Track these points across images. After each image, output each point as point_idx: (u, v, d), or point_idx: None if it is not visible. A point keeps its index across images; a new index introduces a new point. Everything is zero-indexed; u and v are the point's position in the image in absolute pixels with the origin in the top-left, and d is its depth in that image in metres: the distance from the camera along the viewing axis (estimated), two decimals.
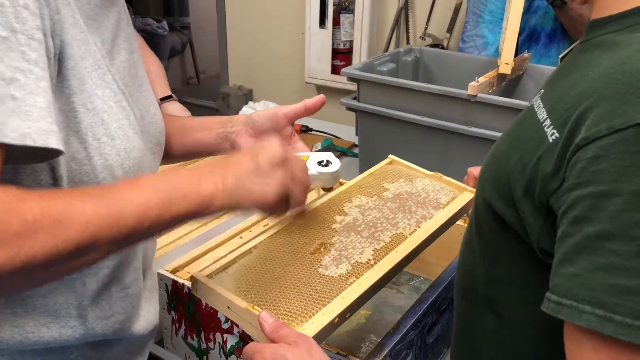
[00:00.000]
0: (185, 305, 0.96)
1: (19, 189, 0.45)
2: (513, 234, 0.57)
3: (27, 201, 0.44)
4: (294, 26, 2.56)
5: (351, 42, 2.40)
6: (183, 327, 0.99)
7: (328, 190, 0.74)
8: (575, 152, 0.46)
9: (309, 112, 0.76)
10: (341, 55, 2.43)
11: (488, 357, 0.66)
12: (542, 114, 0.54)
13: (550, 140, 0.50)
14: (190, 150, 0.80)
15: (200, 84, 4.84)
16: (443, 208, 0.84)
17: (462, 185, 0.89)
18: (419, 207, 0.83)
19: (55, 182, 0.55)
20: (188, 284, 0.94)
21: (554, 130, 0.50)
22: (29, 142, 0.46)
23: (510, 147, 0.57)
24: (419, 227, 0.79)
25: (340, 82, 2.42)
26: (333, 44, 2.42)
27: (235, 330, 0.91)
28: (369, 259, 0.72)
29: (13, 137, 0.45)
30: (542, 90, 0.59)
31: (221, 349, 0.94)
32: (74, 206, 0.46)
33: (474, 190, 0.87)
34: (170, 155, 0.80)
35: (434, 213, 0.82)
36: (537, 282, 0.56)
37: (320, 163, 0.70)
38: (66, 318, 0.60)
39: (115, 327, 0.65)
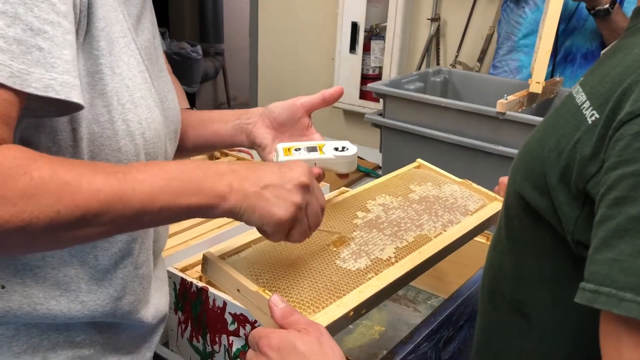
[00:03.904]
0: (192, 305, 0.92)
1: (33, 150, 0.44)
2: (545, 226, 0.52)
3: (37, 161, 0.43)
4: (324, 51, 2.58)
5: (380, 68, 2.41)
6: (189, 328, 0.95)
7: (344, 176, 0.70)
8: (618, 129, 0.42)
9: (327, 102, 0.74)
10: (370, 81, 2.43)
11: None
12: (581, 97, 0.50)
13: (590, 122, 0.46)
14: (206, 141, 0.78)
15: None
16: (471, 215, 0.79)
17: (492, 194, 0.84)
18: (445, 211, 0.78)
19: (75, 143, 0.53)
20: (197, 282, 0.91)
21: (594, 111, 0.46)
22: (52, 94, 0.45)
23: (545, 134, 0.54)
24: (445, 230, 0.75)
25: (368, 107, 2.41)
26: (362, 69, 2.43)
27: (242, 332, 0.86)
28: (389, 257, 0.67)
29: (36, 88, 0.44)
30: (582, 78, 0.56)
31: (226, 352, 0.90)
32: (85, 174, 0.45)
33: None
34: (186, 147, 0.78)
35: (461, 219, 0.78)
36: (568, 281, 0.52)
37: (336, 149, 0.68)
38: (76, 292, 0.58)
39: (125, 308, 0.62)
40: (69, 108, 0.48)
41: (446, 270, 1.07)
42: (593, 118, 0.46)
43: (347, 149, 0.68)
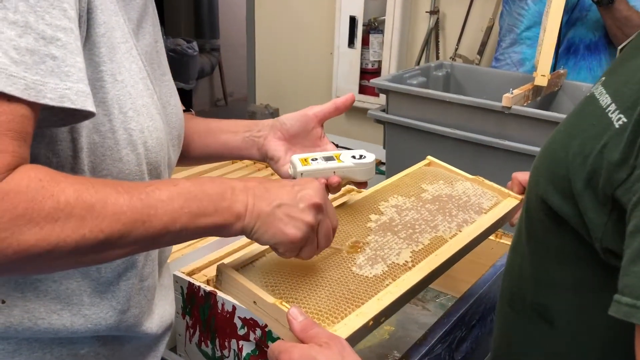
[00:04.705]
0: (201, 309, 0.91)
1: (53, 170, 0.44)
2: (568, 231, 0.51)
3: (60, 183, 0.42)
4: (322, 46, 2.56)
5: (379, 62, 2.39)
6: (197, 333, 0.93)
7: (362, 185, 0.69)
8: None
9: (339, 111, 0.73)
10: (369, 75, 2.41)
11: None
12: (605, 99, 0.49)
13: (617, 126, 0.45)
14: (214, 151, 0.76)
15: (228, 106, 4.86)
16: (486, 213, 0.78)
17: (506, 190, 0.83)
18: (459, 210, 0.77)
19: (75, 153, 0.52)
20: (204, 286, 0.89)
21: (621, 115, 0.45)
22: (68, 104, 0.43)
23: (568, 136, 0.52)
24: (460, 231, 0.73)
25: (368, 102, 2.39)
26: (361, 64, 2.41)
27: (252, 336, 0.85)
28: (406, 261, 0.66)
29: (51, 98, 0.43)
30: (603, 78, 0.54)
31: (236, 357, 0.88)
32: (108, 195, 0.44)
33: (519, 196, 0.81)
34: (192, 156, 0.77)
35: (476, 218, 0.76)
36: (593, 286, 0.51)
37: (354, 157, 0.67)
38: (78, 306, 0.56)
39: (130, 321, 0.61)
40: (76, 117, 0.46)
41: (455, 268, 1.05)
42: (620, 122, 0.44)
43: (365, 156, 0.68)
